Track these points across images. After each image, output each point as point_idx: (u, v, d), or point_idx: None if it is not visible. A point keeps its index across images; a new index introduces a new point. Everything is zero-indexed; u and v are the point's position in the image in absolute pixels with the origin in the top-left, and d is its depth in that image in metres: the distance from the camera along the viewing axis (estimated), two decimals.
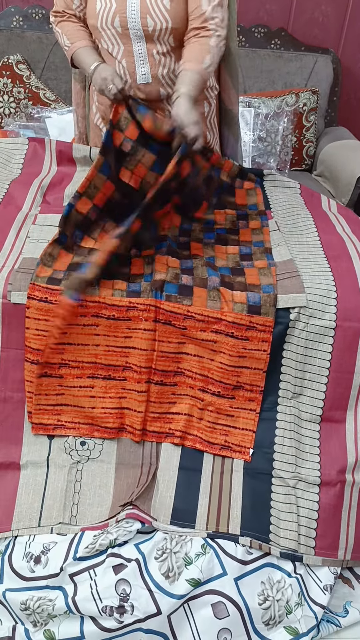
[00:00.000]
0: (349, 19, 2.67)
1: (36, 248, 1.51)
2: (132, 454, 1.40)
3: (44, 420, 1.39)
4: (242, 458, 1.38)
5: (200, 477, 1.37)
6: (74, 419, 1.40)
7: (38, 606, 1.22)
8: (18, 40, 2.48)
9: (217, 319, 1.35)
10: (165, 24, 1.51)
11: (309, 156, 2.70)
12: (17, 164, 1.86)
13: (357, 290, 1.43)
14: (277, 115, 2.51)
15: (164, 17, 1.51)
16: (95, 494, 1.35)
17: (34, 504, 1.34)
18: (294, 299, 1.39)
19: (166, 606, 1.20)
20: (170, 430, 1.40)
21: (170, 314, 1.34)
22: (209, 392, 1.39)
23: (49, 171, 1.84)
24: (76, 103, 1.86)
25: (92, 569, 1.23)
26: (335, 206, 1.88)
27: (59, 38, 1.67)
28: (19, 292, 1.37)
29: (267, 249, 1.57)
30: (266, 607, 1.24)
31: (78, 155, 1.83)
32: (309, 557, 1.32)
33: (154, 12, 1.50)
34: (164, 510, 1.32)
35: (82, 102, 1.84)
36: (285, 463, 1.38)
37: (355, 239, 1.63)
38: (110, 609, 1.20)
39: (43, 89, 2.50)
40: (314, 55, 2.64)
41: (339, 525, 1.35)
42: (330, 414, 1.41)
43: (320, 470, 1.37)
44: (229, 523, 1.32)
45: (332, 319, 1.38)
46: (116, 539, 1.25)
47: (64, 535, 1.30)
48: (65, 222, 1.48)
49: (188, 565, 1.25)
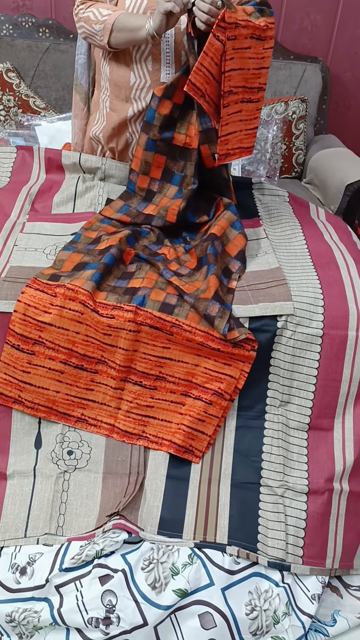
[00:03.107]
0: (337, 28, 2.69)
1: (24, 256, 1.51)
2: (119, 463, 1.39)
3: (6, 391, 1.38)
4: (193, 461, 1.38)
5: (187, 486, 1.36)
6: (34, 399, 1.39)
7: (23, 618, 1.21)
8: (8, 49, 2.49)
9: (206, 333, 1.35)
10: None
11: (298, 164, 2.71)
12: (5, 172, 1.86)
13: (344, 298, 1.43)
14: (266, 123, 2.52)
15: None
16: (82, 504, 1.35)
17: (20, 514, 1.33)
18: (281, 306, 1.39)
19: (153, 617, 1.19)
20: (144, 433, 1.40)
21: (157, 319, 1.34)
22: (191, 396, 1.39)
23: (38, 179, 1.84)
24: (75, 114, 1.85)
25: (78, 580, 1.22)
26: (324, 214, 1.89)
27: (92, 16, 1.57)
28: (5, 300, 1.36)
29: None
30: (253, 617, 1.24)
31: (67, 162, 1.83)
32: (297, 566, 1.31)
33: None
34: (151, 520, 1.31)
35: (81, 114, 1.83)
36: (273, 472, 1.38)
37: (343, 247, 1.64)
38: (96, 621, 1.19)
39: (33, 97, 2.50)
40: (303, 64, 2.66)
41: (326, 534, 1.35)
42: (318, 422, 1.41)
43: (308, 478, 1.37)
44: (217, 532, 1.32)
45: (320, 327, 1.38)
46: (103, 550, 1.24)
47: (50, 546, 1.29)
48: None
49: (175, 576, 1.24)
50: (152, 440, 1.39)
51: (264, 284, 1.46)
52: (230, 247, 1.59)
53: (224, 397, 1.37)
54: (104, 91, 1.71)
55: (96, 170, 1.80)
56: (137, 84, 1.61)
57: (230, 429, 1.41)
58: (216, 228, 1.58)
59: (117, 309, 1.34)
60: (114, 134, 1.71)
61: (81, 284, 1.36)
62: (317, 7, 2.64)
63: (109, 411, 1.40)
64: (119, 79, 1.63)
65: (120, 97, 1.66)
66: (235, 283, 1.48)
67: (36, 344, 1.36)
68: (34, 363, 1.37)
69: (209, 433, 1.38)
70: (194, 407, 1.38)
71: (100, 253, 1.49)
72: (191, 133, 1.62)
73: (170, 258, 1.56)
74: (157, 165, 1.67)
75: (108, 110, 1.70)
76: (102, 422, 1.40)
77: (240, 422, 1.41)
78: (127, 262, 1.53)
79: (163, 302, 1.36)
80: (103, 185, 1.79)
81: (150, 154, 1.65)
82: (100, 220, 1.68)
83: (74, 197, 1.78)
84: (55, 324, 1.35)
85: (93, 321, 1.34)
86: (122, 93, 1.65)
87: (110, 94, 1.68)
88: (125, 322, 1.33)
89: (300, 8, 2.64)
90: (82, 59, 1.76)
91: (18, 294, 1.37)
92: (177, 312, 1.36)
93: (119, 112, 1.67)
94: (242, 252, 1.58)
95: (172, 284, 1.42)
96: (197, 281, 1.46)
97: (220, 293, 1.40)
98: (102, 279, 1.41)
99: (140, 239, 1.62)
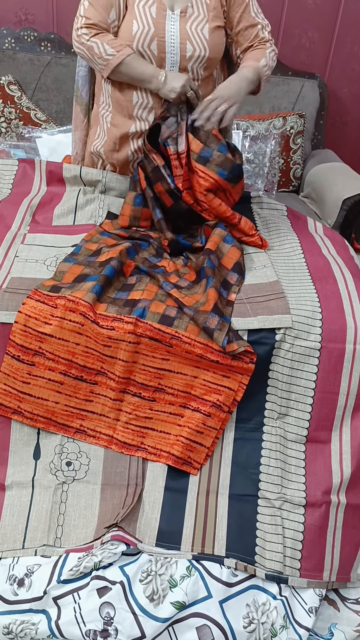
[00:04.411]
0: (335, 45, 2.74)
1: (24, 267, 1.52)
2: (118, 474, 1.39)
3: (5, 402, 1.39)
4: (192, 472, 1.39)
5: (185, 498, 1.37)
6: (33, 410, 1.39)
7: (21, 630, 1.20)
8: (10, 62, 2.52)
9: (205, 345, 1.36)
10: (204, 52, 1.55)
11: (296, 178, 2.74)
12: (6, 184, 1.87)
13: (342, 311, 1.45)
14: (264, 137, 2.56)
15: (203, 45, 1.55)
16: (80, 515, 1.35)
17: (19, 525, 1.33)
18: (279, 319, 1.40)
19: (150, 630, 1.19)
20: (143, 444, 1.40)
21: (157, 331, 1.35)
22: (189, 408, 1.40)
23: (39, 191, 1.86)
24: (75, 126, 1.87)
25: (76, 592, 1.22)
26: (322, 228, 1.91)
27: (96, 49, 1.56)
28: (6, 311, 1.37)
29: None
30: (251, 630, 1.24)
31: (68, 175, 1.85)
32: (294, 578, 1.32)
33: (194, 38, 1.54)
34: (149, 532, 1.31)
35: (82, 126, 1.85)
36: (271, 484, 1.38)
37: (340, 261, 1.66)
38: (94, 633, 1.19)
39: (34, 110, 2.53)
40: (300, 80, 2.70)
41: (324, 547, 1.35)
42: (316, 435, 1.42)
43: (305, 491, 1.38)
44: (215, 544, 1.32)
45: (317, 340, 1.40)
46: (101, 561, 1.24)
47: (48, 558, 1.28)
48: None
49: (173, 588, 1.24)
50: (150, 452, 1.40)
51: (263, 297, 1.47)
52: (225, 260, 1.61)
53: (222, 409, 1.38)
54: (104, 107, 1.73)
55: (97, 183, 1.82)
56: (139, 103, 1.63)
57: (228, 441, 1.42)
58: (210, 243, 1.61)
59: (117, 321, 1.35)
60: (115, 148, 1.73)
61: (82, 295, 1.37)
62: (315, 25, 2.68)
63: (107, 422, 1.41)
64: (122, 98, 1.66)
65: (122, 114, 1.68)
66: (234, 295, 1.50)
67: (36, 354, 1.37)
68: (33, 374, 1.38)
69: (207, 445, 1.39)
70: (192, 419, 1.39)
71: (100, 265, 1.50)
72: None
73: (170, 270, 1.57)
74: (145, 218, 1.75)
75: (109, 126, 1.72)
76: (101, 433, 1.41)
77: (238, 434, 1.42)
78: (127, 274, 1.54)
79: (163, 314, 1.38)
80: (104, 198, 1.81)
81: (138, 209, 1.72)
82: (100, 232, 1.69)
83: (75, 209, 1.80)
84: (55, 335, 1.36)
85: (93, 332, 1.35)
86: (124, 110, 1.67)
87: (112, 109, 1.70)
88: (125, 333, 1.34)
89: (298, 25, 2.68)
90: (82, 71, 1.78)
91: (19, 305, 1.38)
92: (176, 324, 1.37)
93: (120, 128, 1.69)
94: (238, 264, 1.60)
95: (171, 297, 1.43)
96: (196, 294, 1.47)
97: (219, 305, 1.41)
98: (103, 290, 1.42)
99: (140, 251, 1.64)
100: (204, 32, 1.54)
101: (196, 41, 1.53)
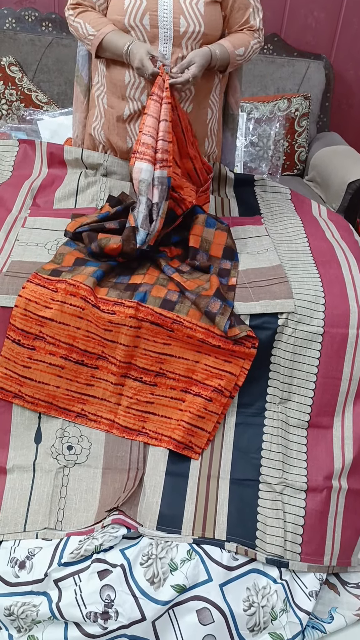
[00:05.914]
0: (341, 25, 2.68)
1: (25, 251, 1.51)
2: (119, 459, 1.39)
3: (6, 386, 1.38)
4: (193, 457, 1.38)
5: (187, 482, 1.37)
6: (34, 394, 1.39)
7: (22, 612, 1.21)
8: (10, 42, 2.48)
9: (207, 330, 1.35)
10: (199, 27, 1.50)
11: (300, 161, 2.71)
12: (7, 166, 1.85)
13: (345, 296, 1.43)
14: (269, 120, 2.52)
15: (198, 21, 1.50)
16: (81, 499, 1.35)
17: (20, 508, 1.33)
18: (282, 304, 1.39)
19: (151, 612, 1.20)
20: (144, 429, 1.40)
21: (158, 315, 1.34)
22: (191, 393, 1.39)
23: (40, 173, 1.84)
24: (75, 107, 1.84)
25: (77, 575, 1.23)
26: (326, 212, 1.88)
27: (80, 29, 1.58)
28: (6, 295, 1.36)
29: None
30: (251, 613, 1.24)
31: (69, 158, 1.83)
32: (295, 563, 1.32)
33: (188, 13, 1.49)
34: (150, 516, 1.31)
35: (82, 107, 1.82)
36: (272, 469, 1.38)
37: (344, 245, 1.64)
38: (95, 615, 1.19)
39: (35, 91, 2.49)
40: (306, 61, 2.65)
41: (325, 531, 1.35)
42: (318, 420, 1.42)
43: (307, 476, 1.37)
44: (215, 529, 1.32)
45: (320, 325, 1.38)
46: (102, 545, 1.24)
47: (49, 541, 1.29)
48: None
49: (173, 571, 1.24)
50: (151, 436, 1.40)
51: (265, 282, 1.46)
52: (214, 249, 1.57)
53: (224, 394, 1.37)
54: (99, 87, 1.71)
55: (98, 166, 1.79)
56: (131, 83, 1.60)
57: (230, 426, 1.41)
58: (192, 239, 1.55)
59: (118, 305, 1.34)
60: (113, 130, 1.71)
61: (82, 279, 1.36)
62: (321, 4, 2.63)
63: (109, 407, 1.41)
64: (114, 77, 1.63)
65: (116, 95, 1.65)
66: (234, 279, 1.48)
67: (37, 339, 1.36)
68: (34, 358, 1.37)
69: (209, 430, 1.38)
70: (193, 404, 1.38)
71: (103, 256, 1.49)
72: None
73: (172, 255, 1.56)
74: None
75: (106, 107, 1.70)
76: (102, 417, 1.41)
77: (240, 419, 1.41)
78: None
79: (164, 299, 1.36)
80: (105, 181, 1.79)
81: None
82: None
83: (76, 193, 1.78)
84: (56, 319, 1.35)
85: (94, 317, 1.34)
86: (117, 91, 1.64)
87: (107, 90, 1.68)
88: (126, 318, 1.33)
89: (304, 5, 2.63)
90: (83, 50, 1.75)
91: (19, 289, 1.37)
92: (178, 309, 1.36)
93: (116, 109, 1.67)
94: (228, 248, 1.57)
95: (173, 281, 1.42)
96: (198, 279, 1.46)
97: (221, 290, 1.40)
98: (104, 275, 1.41)
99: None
100: (199, 6, 1.49)
101: (190, 16, 1.48)
